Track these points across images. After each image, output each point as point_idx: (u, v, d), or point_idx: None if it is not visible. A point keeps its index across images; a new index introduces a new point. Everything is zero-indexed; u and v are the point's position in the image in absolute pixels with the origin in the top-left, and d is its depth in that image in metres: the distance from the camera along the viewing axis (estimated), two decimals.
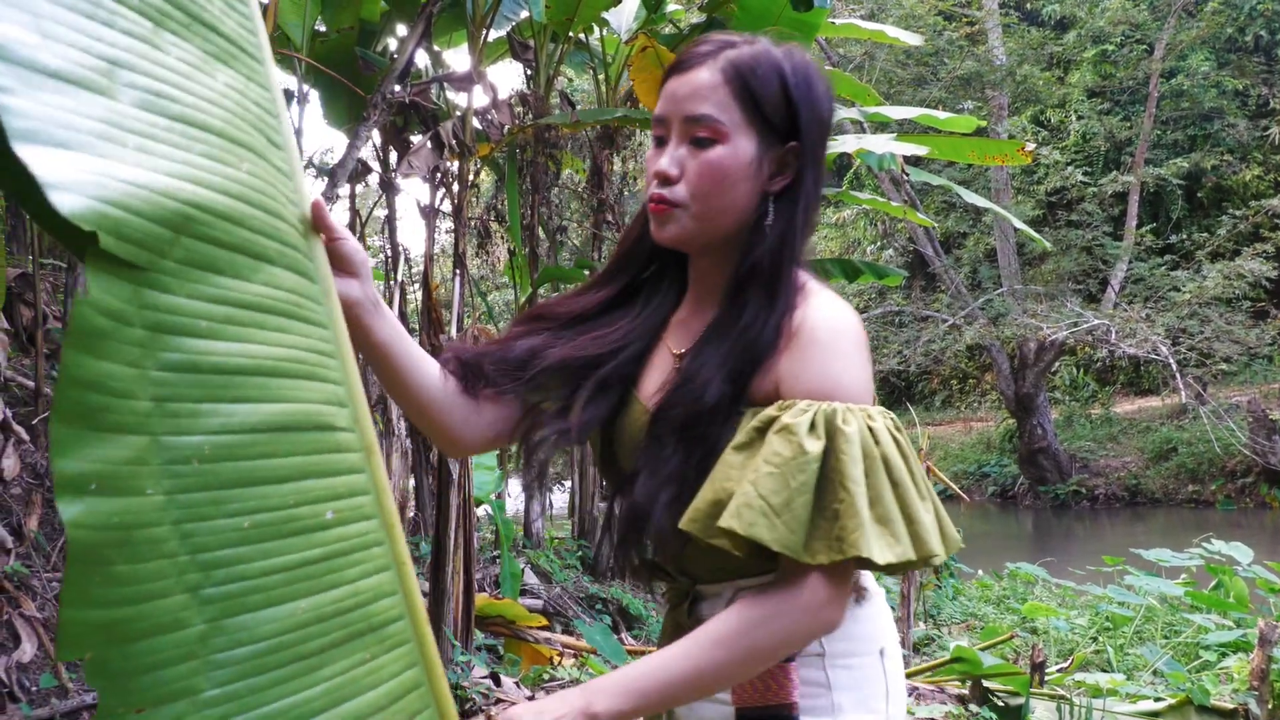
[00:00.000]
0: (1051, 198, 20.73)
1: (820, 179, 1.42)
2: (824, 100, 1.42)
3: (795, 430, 1.26)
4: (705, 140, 1.37)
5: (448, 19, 6.27)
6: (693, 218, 1.39)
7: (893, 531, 1.24)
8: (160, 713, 0.92)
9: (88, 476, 0.87)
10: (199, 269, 1.00)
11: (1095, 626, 6.85)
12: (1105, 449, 20.26)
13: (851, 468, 1.24)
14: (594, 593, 6.80)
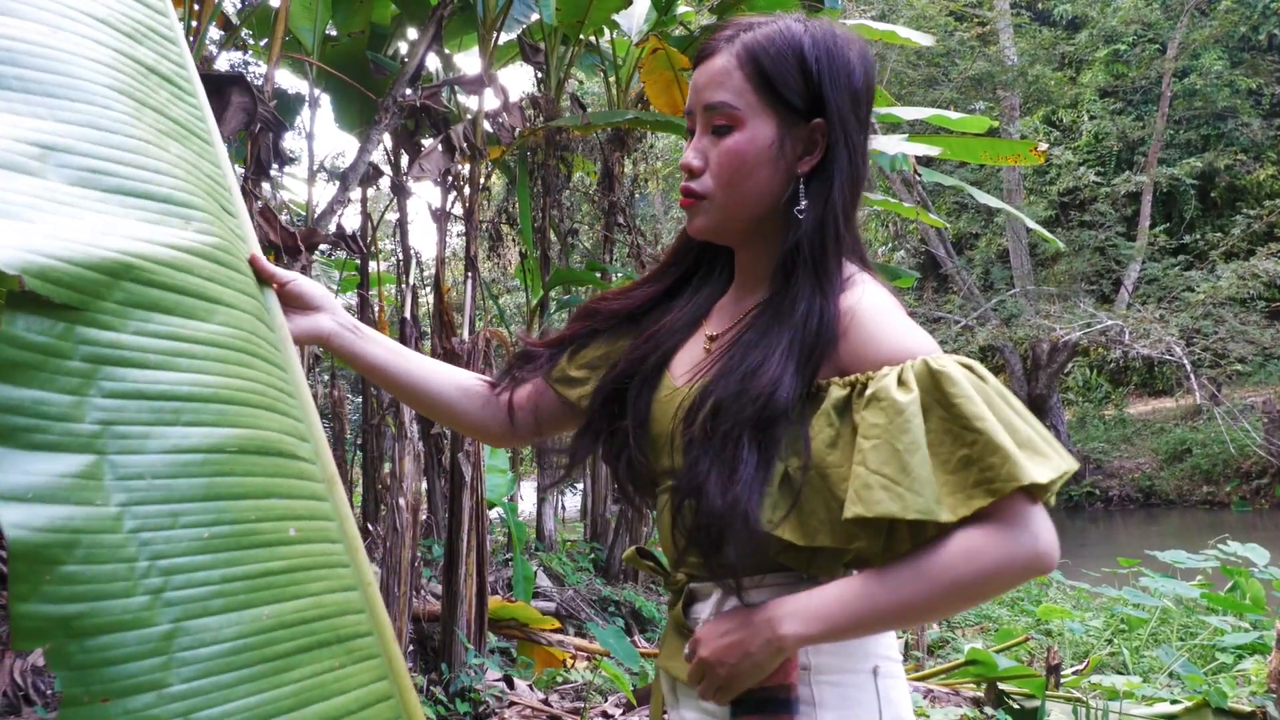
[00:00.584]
0: (1064, 198, 20.67)
1: (860, 152, 1.37)
2: (855, 68, 1.36)
3: (882, 394, 1.22)
4: (723, 128, 1.35)
5: (458, 22, 6.29)
6: (719, 208, 1.38)
7: (1037, 450, 1.19)
8: (127, 703, 0.97)
9: (22, 488, 0.93)
10: (143, 309, 1.08)
11: (1110, 629, 6.82)
12: (1119, 450, 20.19)
13: (969, 406, 1.19)
14: (607, 595, 6.79)
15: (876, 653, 1.35)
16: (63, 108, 1.12)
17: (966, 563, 1.18)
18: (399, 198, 6.63)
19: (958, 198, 19.83)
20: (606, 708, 4.40)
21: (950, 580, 1.19)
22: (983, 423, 1.18)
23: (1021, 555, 1.18)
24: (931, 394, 1.21)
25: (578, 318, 1.60)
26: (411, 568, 4.52)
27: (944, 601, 1.21)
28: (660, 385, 1.45)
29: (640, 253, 8.02)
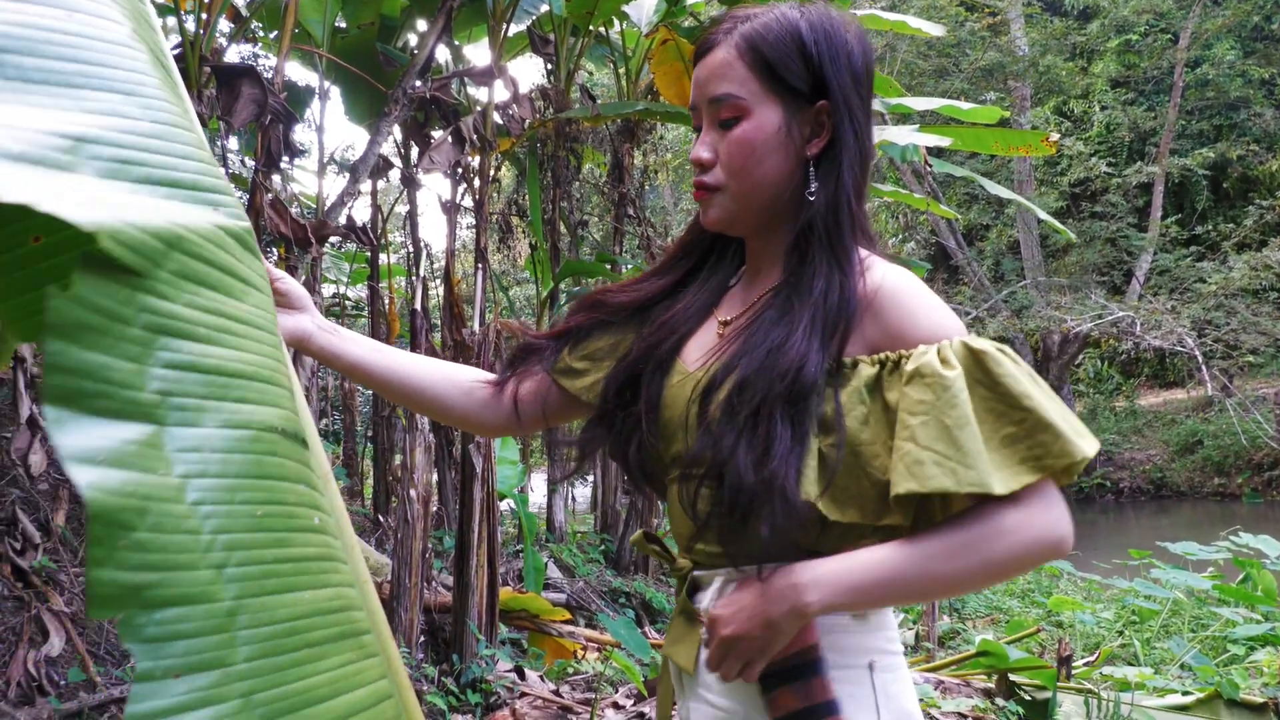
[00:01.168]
0: (1075, 189, 20.59)
1: (865, 130, 1.38)
2: (854, 49, 1.38)
3: (927, 370, 1.23)
4: (730, 119, 1.36)
5: (468, 14, 6.28)
6: (732, 198, 1.39)
7: (1078, 428, 1.21)
8: (195, 680, 0.96)
9: (94, 451, 0.91)
10: (193, 282, 1.07)
11: (1122, 620, 6.81)
12: (1130, 442, 20.14)
13: (1016, 385, 1.20)
14: (617, 586, 6.80)
15: (872, 647, 1.35)
16: (85, 97, 1.10)
17: (1000, 538, 1.19)
18: (409, 190, 6.64)
19: (968, 189, 19.78)
20: (618, 698, 4.41)
21: (982, 556, 1.20)
22: (1031, 400, 1.20)
23: (1051, 535, 1.20)
24: (974, 373, 1.22)
25: (580, 309, 1.60)
26: (423, 559, 4.54)
27: (971, 577, 1.22)
28: (673, 371, 1.45)
29: (650, 244, 8.01)
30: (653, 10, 7.41)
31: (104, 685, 3.77)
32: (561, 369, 1.57)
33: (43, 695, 3.56)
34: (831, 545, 1.30)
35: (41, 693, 3.58)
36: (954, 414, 1.20)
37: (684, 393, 1.40)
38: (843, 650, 1.32)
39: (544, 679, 4.66)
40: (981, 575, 1.22)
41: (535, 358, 1.60)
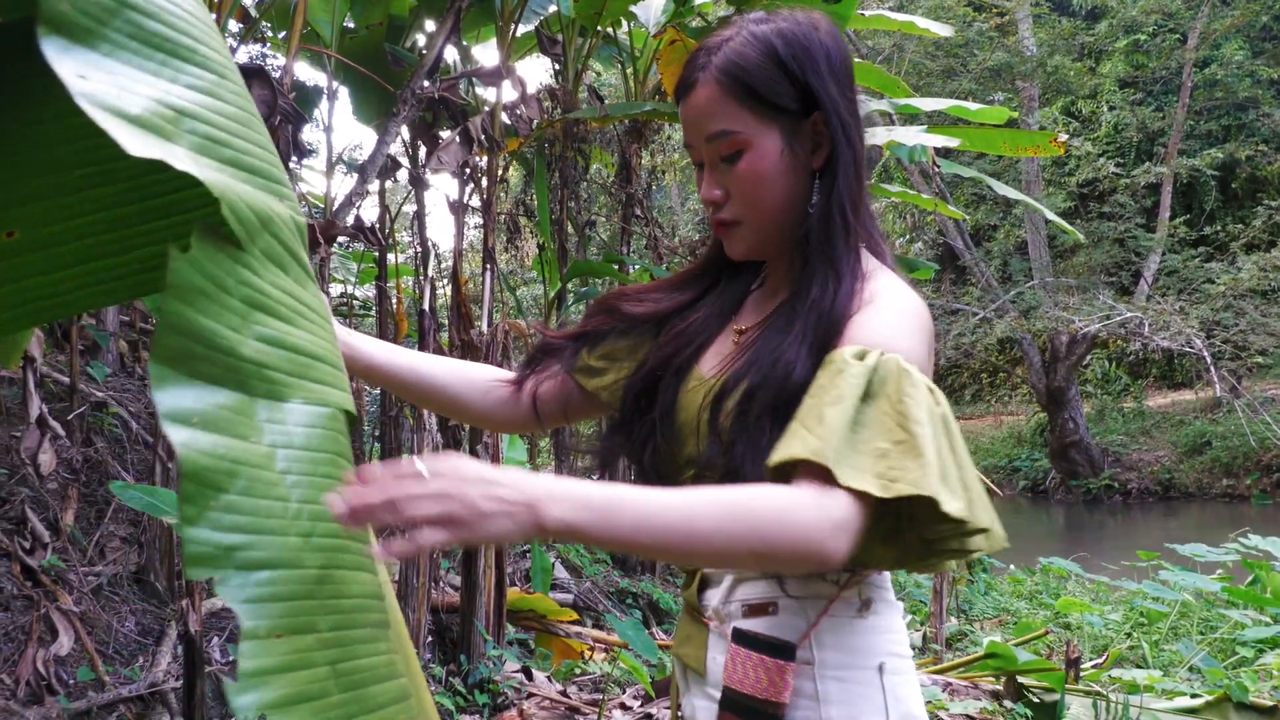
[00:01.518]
0: (1083, 189, 20.55)
1: (855, 133, 1.37)
2: (830, 50, 1.36)
3: (835, 358, 1.21)
4: (732, 156, 1.36)
5: (476, 14, 6.28)
6: (752, 230, 1.40)
7: (951, 488, 1.14)
8: (294, 642, 0.99)
9: (190, 412, 0.95)
10: (274, 264, 1.09)
11: (1130, 622, 6.80)
12: (1138, 443, 20.11)
13: (916, 410, 1.16)
14: (624, 587, 6.80)
15: (884, 649, 1.35)
16: (188, 71, 1.11)
17: (786, 522, 1.10)
18: (417, 190, 6.64)
19: (976, 189, 19.75)
20: (625, 699, 4.41)
21: (753, 531, 1.10)
22: (919, 429, 1.15)
23: (824, 545, 1.10)
24: (887, 383, 1.18)
25: (597, 313, 1.61)
26: (430, 559, 4.54)
27: (729, 549, 1.10)
28: (689, 377, 1.45)
29: (657, 244, 8.01)
30: (660, 11, 7.41)
31: (112, 684, 3.78)
32: (581, 368, 1.58)
33: (51, 694, 3.57)
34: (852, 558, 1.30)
35: (50, 692, 3.58)
36: (833, 393, 1.17)
37: (697, 399, 1.41)
38: (852, 651, 1.33)
39: (551, 680, 4.66)
40: (739, 544, 1.10)
41: (553, 357, 1.61)
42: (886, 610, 1.37)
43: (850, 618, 1.33)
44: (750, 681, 1.28)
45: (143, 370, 6.19)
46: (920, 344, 1.27)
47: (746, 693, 1.28)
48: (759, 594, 1.35)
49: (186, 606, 3.39)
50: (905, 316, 1.28)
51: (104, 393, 5.30)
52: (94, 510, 4.59)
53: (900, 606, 1.41)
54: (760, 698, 1.27)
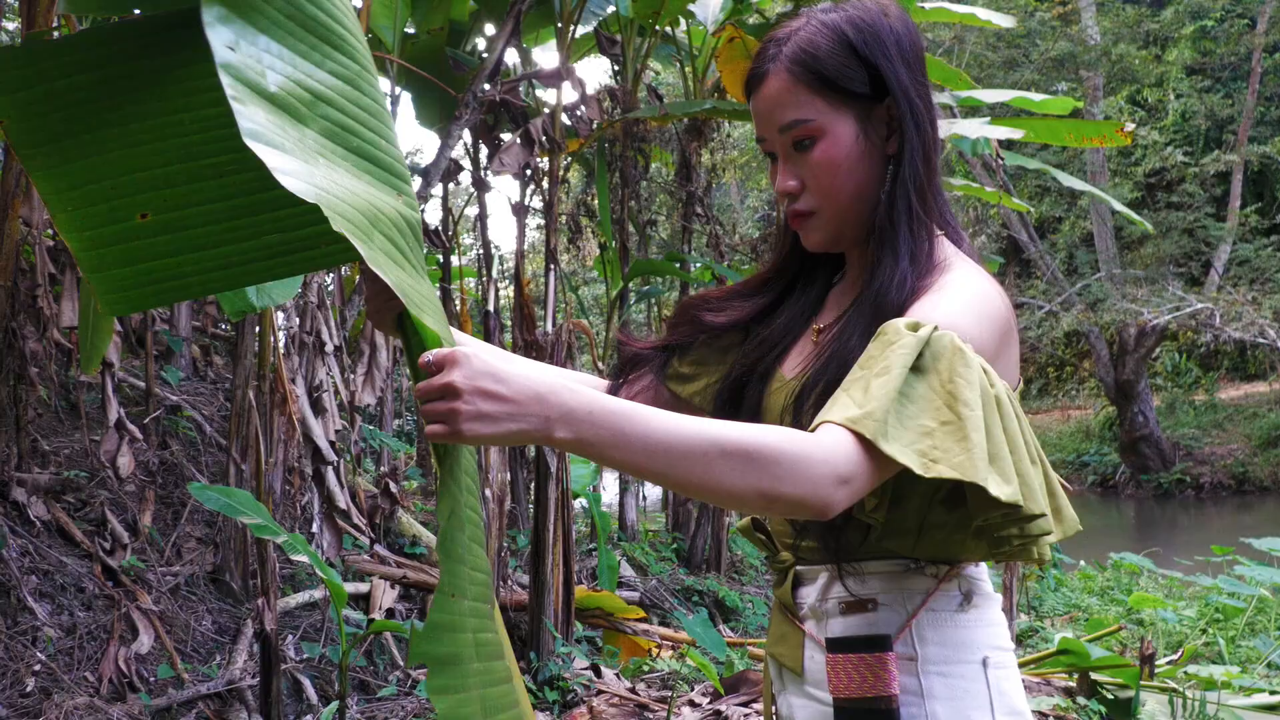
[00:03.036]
0: (1150, 179, 20.21)
1: (925, 117, 1.35)
2: (900, 35, 1.35)
3: (889, 329, 1.19)
4: (806, 143, 1.35)
5: (535, 16, 6.32)
6: (828, 219, 1.38)
7: (1001, 470, 1.12)
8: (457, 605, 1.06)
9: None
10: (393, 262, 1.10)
11: (1205, 618, 6.68)
12: (1210, 436, 19.73)
13: (966, 391, 1.13)
14: (690, 585, 6.80)
15: (987, 643, 1.33)
16: (333, 58, 1.15)
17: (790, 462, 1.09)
18: (479, 192, 6.69)
19: (1040, 180, 19.49)
20: (693, 696, 4.41)
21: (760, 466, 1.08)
22: (968, 410, 1.13)
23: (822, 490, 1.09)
24: (939, 359, 1.16)
25: (679, 323, 1.60)
26: (498, 558, 4.58)
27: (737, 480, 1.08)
28: (773, 380, 1.45)
29: (719, 242, 8.00)
30: (719, 9, 7.40)
31: (191, 682, 3.86)
32: (673, 374, 1.58)
33: (133, 692, 3.66)
34: (928, 552, 1.30)
35: (132, 689, 3.67)
36: (882, 364, 1.15)
37: (780, 399, 1.40)
38: (955, 645, 1.31)
39: (620, 677, 4.68)
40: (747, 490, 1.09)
41: (643, 366, 1.60)
42: (986, 603, 1.35)
43: (951, 612, 1.32)
44: (856, 684, 1.27)
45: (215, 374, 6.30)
46: (985, 329, 1.23)
47: (855, 696, 1.27)
48: (856, 591, 1.34)
49: (262, 605, 3.45)
50: (972, 300, 1.25)
51: (178, 396, 5.41)
52: (170, 511, 4.69)
53: (999, 599, 1.39)
54: (870, 695, 1.26)
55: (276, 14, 1.07)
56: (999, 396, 1.17)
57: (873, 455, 1.11)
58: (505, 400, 1.03)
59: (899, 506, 1.25)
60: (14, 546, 3.82)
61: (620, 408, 1.08)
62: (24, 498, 4.01)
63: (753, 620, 6.59)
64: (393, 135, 1.26)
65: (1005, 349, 1.28)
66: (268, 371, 4.03)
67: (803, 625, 1.41)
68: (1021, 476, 1.14)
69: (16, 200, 3.59)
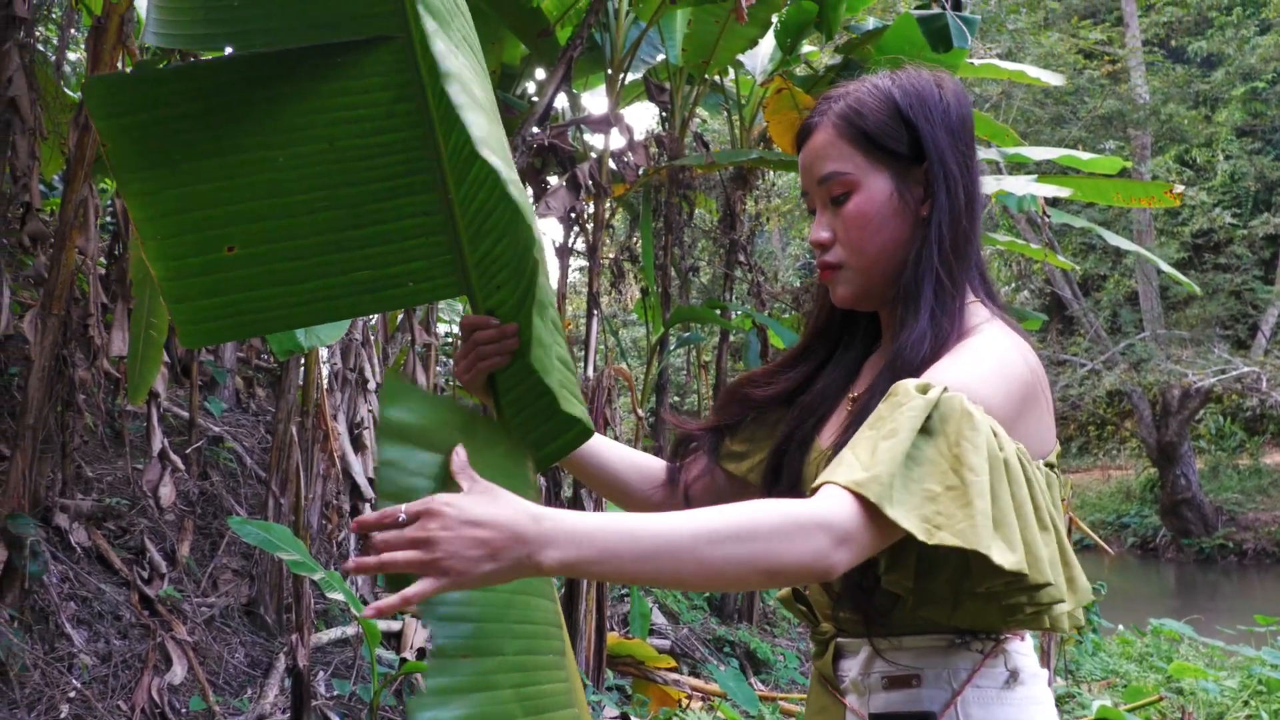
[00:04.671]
0: (1198, 240, 20.03)
1: (960, 185, 1.36)
2: (949, 105, 1.38)
3: (899, 390, 1.20)
4: (841, 197, 1.37)
5: (585, 62, 6.38)
6: (857, 272, 1.39)
7: (1006, 537, 1.12)
8: (480, 664, 1.06)
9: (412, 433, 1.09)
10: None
11: (1248, 690, 6.53)
12: (1254, 501, 19.39)
13: (972, 455, 1.13)
14: (721, 635, 6.75)
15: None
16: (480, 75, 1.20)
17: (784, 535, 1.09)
18: None
19: (1084, 238, 19.38)
20: None
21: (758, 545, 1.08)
22: (973, 475, 1.13)
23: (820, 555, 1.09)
24: (947, 422, 1.16)
25: (728, 403, 1.60)
26: None
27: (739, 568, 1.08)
28: (811, 449, 1.45)
29: (760, 290, 8.01)
30: (768, 59, 7.46)
31: (222, 714, 3.86)
32: (726, 454, 1.58)
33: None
34: (968, 619, 1.28)
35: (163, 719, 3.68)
36: (889, 426, 1.16)
37: (815, 470, 1.40)
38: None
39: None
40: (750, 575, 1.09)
41: (697, 448, 1.60)
42: (1032, 681, 1.33)
43: (998, 689, 1.29)
44: None
45: (257, 406, 6.35)
46: (1002, 390, 1.23)
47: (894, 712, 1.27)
48: (901, 666, 1.32)
49: (295, 641, 3.46)
50: (990, 362, 1.26)
51: (220, 427, 5.46)
52: (208, 542, 4.72)
53: (1045, 675, 1.37)
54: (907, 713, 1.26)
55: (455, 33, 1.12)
56: (1008, 460, 1.17)
57: (876, 519, 1.12)
58: (482, 543, 1.01)
59: (932, 575, 1.24)
60: (54, 572, 3.86)
61: (601, 522, 1.07)
62: (66, 524, 4.05)
63: (784, 673, 6.52)
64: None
65: (1028, 411, 1.27)
66: (310, 407, 4.07)
67: (844, 699, 1.39)
68: (1028, 544, 1.14)
69: (75, 230, 3.65)
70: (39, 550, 3.61)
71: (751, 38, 6.55)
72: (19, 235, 4.09)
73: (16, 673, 3.45)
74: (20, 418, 3.67)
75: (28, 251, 4.55)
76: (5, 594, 3.57)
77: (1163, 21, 20.65)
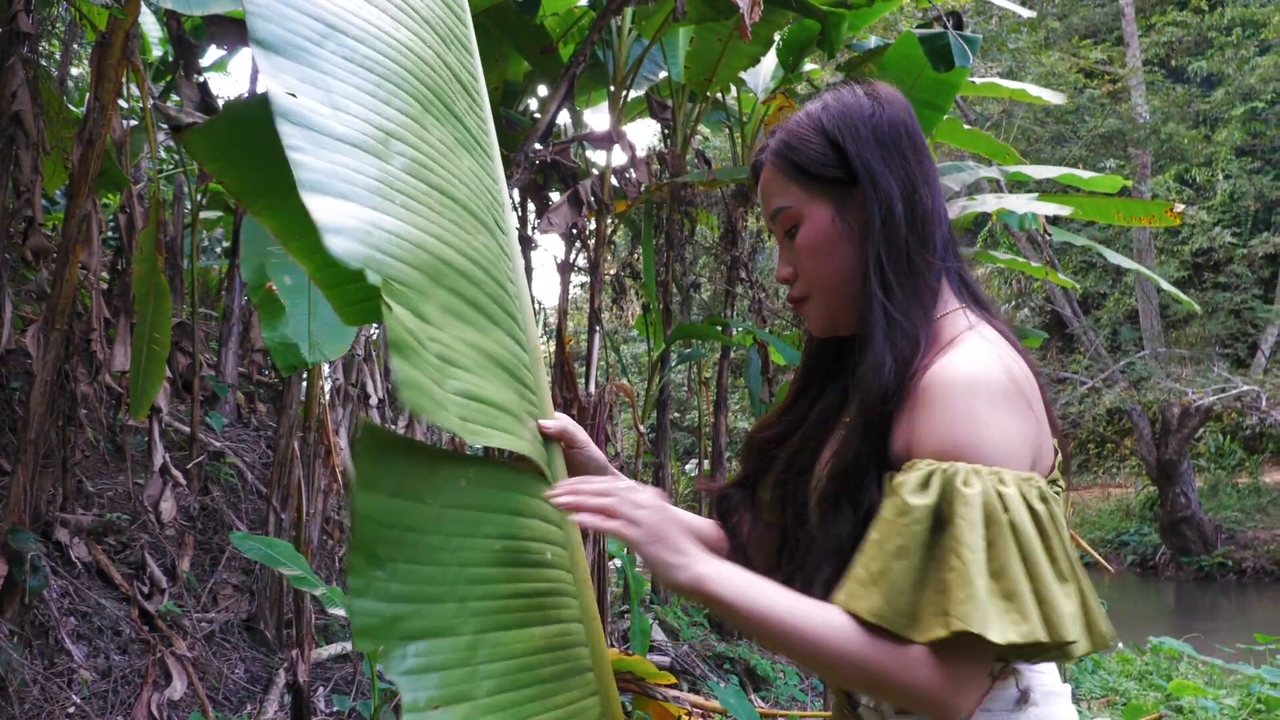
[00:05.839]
0: (1198, 258, 20.05)
1: (900, 197, 1.34)
2: (881, 121, 1.37)
3: (900, 489, 1.20)
4: (792, 230, 1.40)
5: (588, 79, 6.41)
6: (820, 302, 1.41)
7: (1019, 608, 1.11)
8: (451, 712, 1.03)
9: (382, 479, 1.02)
10: (453, 316, 1.14)
11: (1247, 709, 6.52)
12: (1254, 520, 19.36)
13: (967, 533, 1.13)
14: (721, 651, 6.73)
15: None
16: (397, 96, 1.18)
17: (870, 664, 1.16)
18: (525, 249, 6.76)
19: (1084, 256, 19.41)
20: None
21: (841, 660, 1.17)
22: (969, 554, 1.13)
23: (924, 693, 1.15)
24: (946, 510, 1.16)
25: (748, 456, 1.60)
26: None
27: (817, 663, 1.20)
28: (813, 475, 1.45)
29: (761, 307, 8.02)
30: (770, 77, 7.48)
31: None
32: (760, 504, 1.56)
33: None
34: None
35: None
36: (897, 542, 1.17)
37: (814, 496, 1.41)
38: None
39: None
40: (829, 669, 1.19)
41: (736, 508, 1.59)
42: (1048, 700, 1.31)
43: (1008, 712, 1.28)
44: None
45: (258, 421, 6.35)
46: (996, 424, 1.21)
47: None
48: None
49: (295, 656, 3.45)
50: (970, 400, 1.21)
51: (221, 442, 5.46)
52: (209, 557, 4.71)
53: (1066, 691, 1.35)
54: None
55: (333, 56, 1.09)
56: (1014, 522, 1.15)
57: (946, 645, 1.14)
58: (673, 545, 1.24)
59: None
60: (55, 587, 3.85)
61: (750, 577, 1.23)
62: (66, 539, 4.05)
63: (784, 690, 6.50)
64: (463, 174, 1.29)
65: (1018, 418, 1.23)
66: (313, 422, 4.07)
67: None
68: (1048, 603, 1.13)
69: (77, 245, 3.66)
70: (39, 565, 3.60)
71: (754, 55, 6.58)
72: (22, 250, 4.10)
73: (16, 688, 3.44)
74: (22, 432, 3.67)
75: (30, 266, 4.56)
76: (5, 609, 3.56)
77: (1163, 41, 20.72)
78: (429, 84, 1.26)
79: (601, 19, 5.23)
